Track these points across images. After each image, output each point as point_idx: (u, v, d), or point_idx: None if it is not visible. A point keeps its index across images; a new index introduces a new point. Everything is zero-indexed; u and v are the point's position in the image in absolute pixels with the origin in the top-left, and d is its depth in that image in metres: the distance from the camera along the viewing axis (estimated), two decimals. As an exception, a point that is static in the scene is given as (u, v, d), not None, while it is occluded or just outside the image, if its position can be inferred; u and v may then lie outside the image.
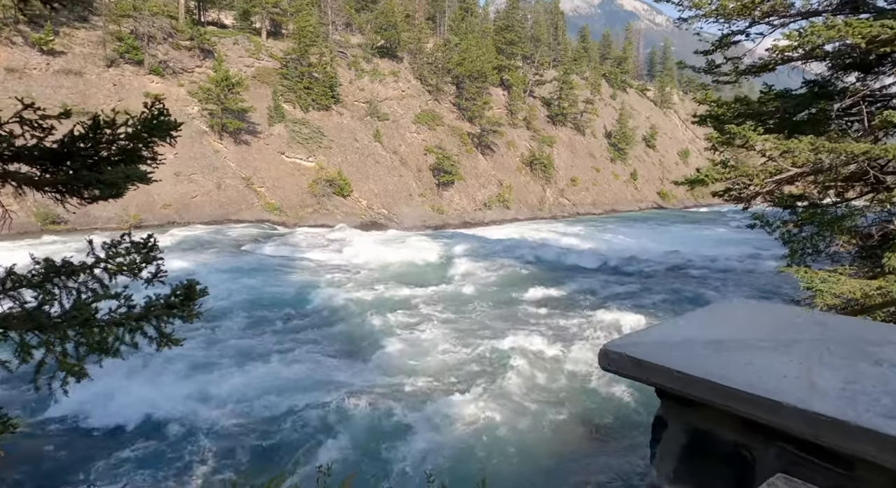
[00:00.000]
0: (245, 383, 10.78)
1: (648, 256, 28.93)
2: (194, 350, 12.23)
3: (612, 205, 65.82)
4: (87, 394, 9.51)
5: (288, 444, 9.06)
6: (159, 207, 34.56)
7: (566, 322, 15.75)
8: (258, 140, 42.20)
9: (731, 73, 11.76)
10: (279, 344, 13.16)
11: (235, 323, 14.67)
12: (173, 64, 40.76)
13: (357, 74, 53.30)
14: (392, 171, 48.61)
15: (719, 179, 10.71)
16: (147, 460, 8.54)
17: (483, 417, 10.01)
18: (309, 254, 25.71)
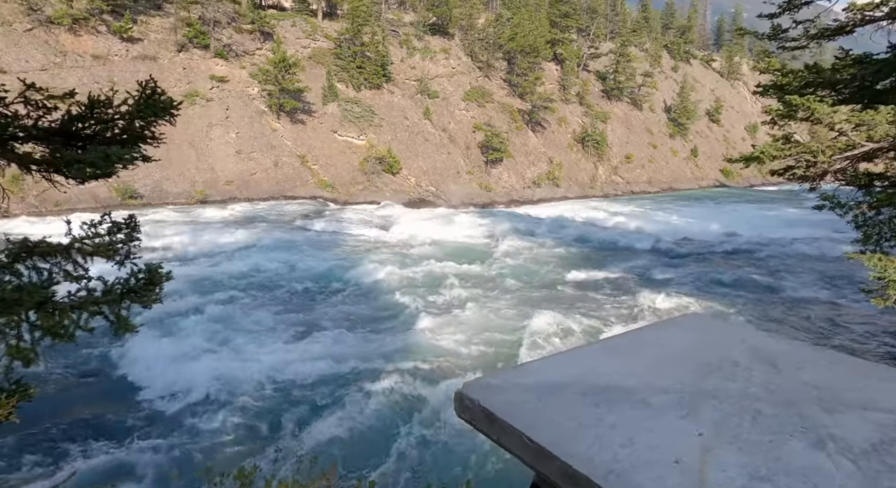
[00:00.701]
0: (266, 359, 11.32)
1: (704, 238, 28.15)
2: (223, 322, 13.34)
3: (670, 183, 63.52)
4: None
5: (291, 422, 9.39)
6: (222, 184, 37.16)
7: (603, 307, 15.84)
8: (313, 119, 44.01)
9: (800, 38, 11.07)
10: (310, 318, 14.03)
11: (273, 297, 15.73)
12: (236, 47, 42.99)
13: (408, 52, 53.87)
14: (440, 149, 49.29)
15: (778, 156, 10.30)
16: (157, 432, 9.04)
17: None
18: (356, 231, 27.12)
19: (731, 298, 17.22)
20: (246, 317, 13.58)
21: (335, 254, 20.81)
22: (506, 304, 15.35)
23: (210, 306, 14.23)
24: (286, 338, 12.56)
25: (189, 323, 12.91)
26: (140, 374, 10.82)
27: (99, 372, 11.13)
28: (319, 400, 10.17)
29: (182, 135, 37.34)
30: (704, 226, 30.72)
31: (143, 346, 11.28)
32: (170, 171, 35.57)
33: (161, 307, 12.55)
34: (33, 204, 29.40)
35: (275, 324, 13.47)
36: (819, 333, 14.91)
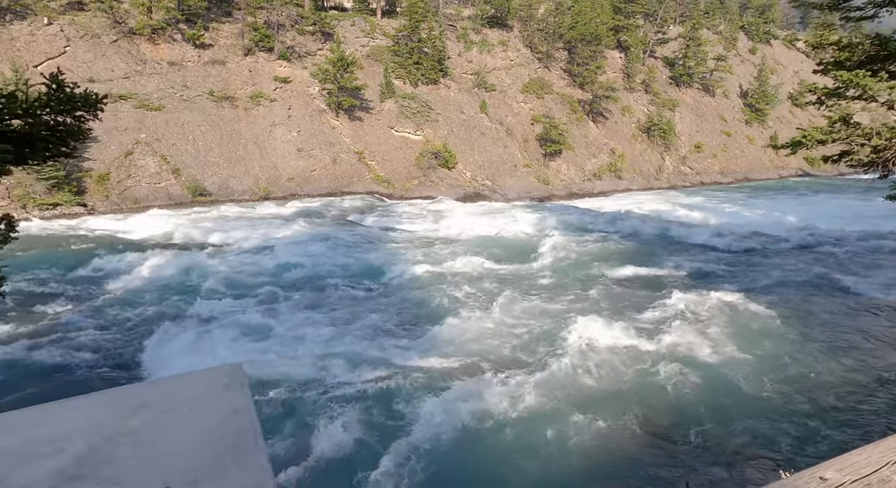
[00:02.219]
0: (293, 352, 11.57)
1: (775, 232, 26.10)
2: (255, 313, 13.77)
3: (745, 173, 59.27)
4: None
5: (318, 420, 9.47)
6: (284, 180, 38.78)
7: (647, 308, 14.94)
8: (370, 116, 44.89)
9: (865, 6, 9.91)
10: (345, 313, 14.24)
11: (304, 294, 16.03)
12: (298, 48, 44.64)
13: (465, 46, 53.62)
14: (497, 142, 48.74)
15: (826, 141, 9.36)
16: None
17: (516, 410, 9.78)
18: (406, 226, 27.37)
19: (781, 297, 15.69)
20: (270, 316, 13.99)
21: (377, 250, 21.10)
22: (537, 307, 14.80)
23: (239, 303, 14.83)
24: (299, 337, 12.74)
25: (217, 320, 13.41)
26: (156, 370, 11.21)
27: (124, 364, 11.62)
28: (298, 404, 10.14)
29: (248, 135, 39.34)
30: (778, 218, 28.40)
31: (169, 344, 11.85)
32: (236, 169, 37.58)
33: (193, 304, 13.15)
34: (115, 202, 32.04)
35: (296, 323, 13.70)
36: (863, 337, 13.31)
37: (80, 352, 11.60)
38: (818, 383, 11.09)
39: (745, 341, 12.75)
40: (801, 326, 13.74)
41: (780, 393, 10.67)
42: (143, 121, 36.11)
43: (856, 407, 10.31)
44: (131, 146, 35.03)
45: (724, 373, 11.38)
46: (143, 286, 15.83)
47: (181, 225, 25.38)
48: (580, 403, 10.19)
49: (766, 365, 11.81)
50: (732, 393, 10.64)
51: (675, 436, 9.53)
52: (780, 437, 9.42)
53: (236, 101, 39.79)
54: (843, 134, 8.63)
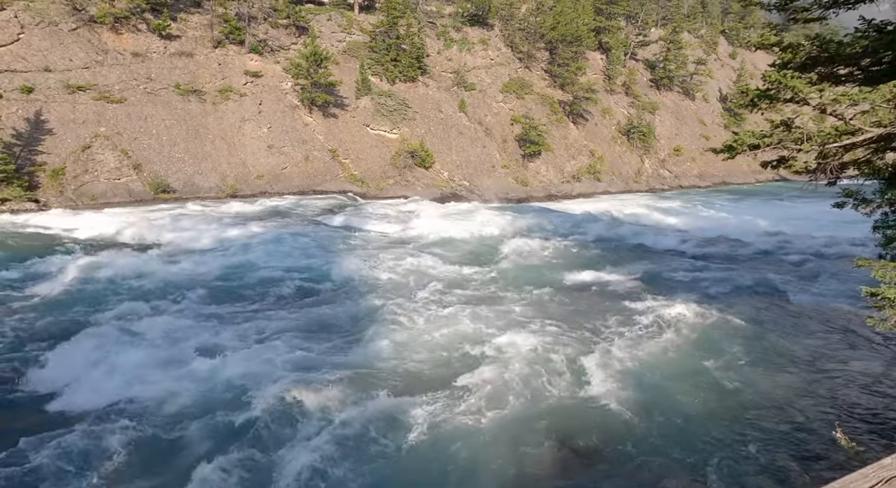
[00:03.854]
0: (209, 365, 10.69)
1: (742, 237, 25.79)
2: (181, 320, 12.70)
3: (723, 178, 59.38)
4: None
5: (216, 439, 8.61)
6: (253, 178, 37.50)
7: (594, 317, 14.19)
8: (345, 113, 43.79)
9: (811, 7, 9.43)
10: (279, 321, 13.30)
11: (252, 296, 15.07)
12: (271, 42, 43.33)
13: (445, 44, 52.77)
14: (475, 142, 47.97)
15: (759, 145, 8.89)
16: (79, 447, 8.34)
17: (431, 430, 9.03)
18: (373, 226, 26.42)
19: (731, 308, 15.14)
20: (198, 324, 12.95)
21: (335, 252, 20.15)
22: (481, 315, 13.92)
23: (168, 310, 13.77)
24: (230, 346, 11.72)
25: (134, 329, 12.28)
26: (65, 386, 10.03)
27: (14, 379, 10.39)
28: (227, 418, 9.22)
29: (216, 130, 37.97)
30: (748, 223, 28.12)
31: (71, 357, 10.75)
32: (202, 166, 36.21)
33: (115, 310, 12.06)
34: (71, 198, 30.51)
35: (231, 328, 12.70)
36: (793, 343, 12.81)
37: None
38: (753, 402, 10.53)
39: (687, 355, 12.15)
40: (747, 339, 13.20)
41: (713, 412, 10.10)
42: (104, 113, 34.56)
43: (787, 430, 9.74)
44: (90, 140, 33.48)
45: (659, 390, 10.75)
46: (70, 289, 14.67)
47: (135, 223, 24.10)
48: (500, 422, 9.49)
49: (704, 381, 11.21)
50: (664, 412, 9.99)
51: (595, 458, 8.85)
52: (709, 460, 8.77)
53: (204, 94, 38.39)
54: (774, 139, 8.06)
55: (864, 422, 10.09)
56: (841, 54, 8.48)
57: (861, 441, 9.29)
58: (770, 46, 9.02)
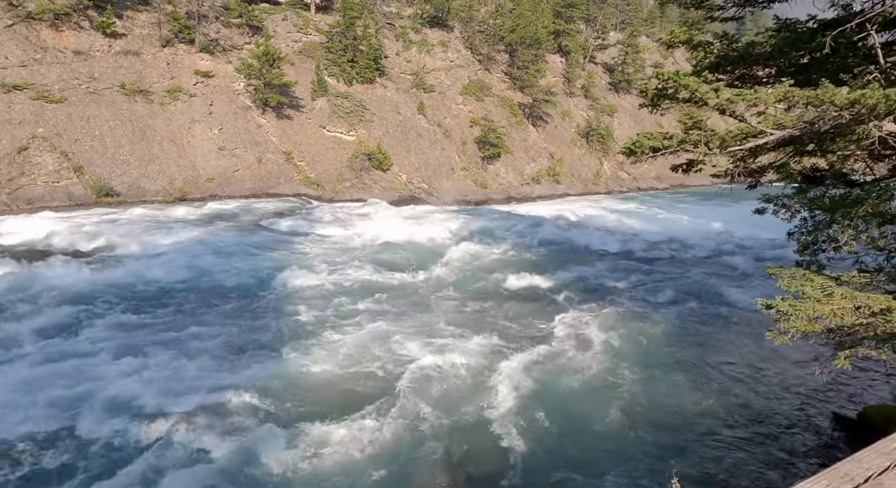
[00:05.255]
0: (118, 380, 10.23)
1: (690, 239, 26.29)
2: (87, 332, 12.10)
3: (681, 179, 60.58)
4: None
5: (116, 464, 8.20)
6: (203, 181, 36.52)
7: (527, 325, 14.18)
8: (300, 114, 43.10)
9: (726, 5, 9.48)
10: (191, 335, 12.80)
11: (171, 306, 14.49)
12: (223, 42, 42.32)
13: (404, 46, 52.51)
14: (434, 145, 47.86)
15: (659, 148, 8.83)
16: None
17: (336, 451, 8.76)
18: (322, 230, 26.00)
19: (665, 314, 15.38)
20: (103, 336, 12.42)
21: (274, 257, 19.71)
22: (412, 325, 13.76)
23: (77, 322, 13.12)
24: (138, 362, 11.25)
25: (28, 347, 11.59)
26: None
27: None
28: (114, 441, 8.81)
29: (164, 132, 36.85)
30: (700, 225, 28.72)
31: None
32: (149, 168, 35.08)
33: (13, 322, 11.35)
34: (4, 202, 29.12)
35: (135, 344, 12.14)
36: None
37: None
38: (673, 414, 10.59)
39: (607, 366, 12.20)
40: (678, 346, 13.41)
41: (629, 427, 10.10)
42: (42, 114, 33.13)
43: (708, 442, 9.84)
44: (26, 141, 32.04)
45: (571, 405, 10.73)
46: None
47: (67, 228, 23.10)
48: (409, 443, 9.26)
49: (618, 393, 11.21)
50: (572, 429, 9.95)
51: (495, 479, 8.65)
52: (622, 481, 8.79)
53: (151, 95, 37.20)
54: (674, 141, 8.04)
55: (764, 438, 10.17)
56: (751, 54, 8.47)
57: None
58: (680, 44, 8.99)
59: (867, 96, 6.07)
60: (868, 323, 7.33)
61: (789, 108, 7.82)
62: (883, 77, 7.78)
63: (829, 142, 8.16)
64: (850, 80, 8.14)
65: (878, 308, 7.02)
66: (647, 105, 8.26)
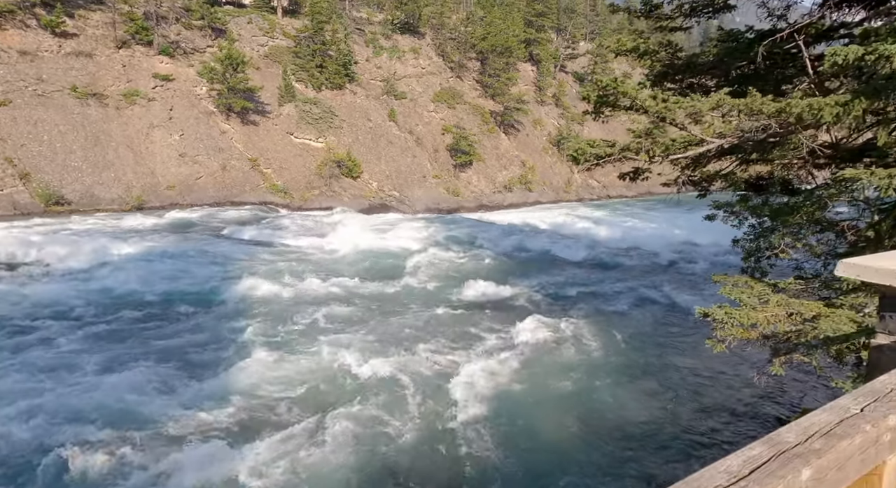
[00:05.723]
0: (47, 399, 9.32)
1: (651, 247, 26.24)
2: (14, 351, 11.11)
3: (648, 187, 61.20)
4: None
5: None
6: (163, 189, 34.88)
7: (485, 335, 13.52)
8: (267, 120, 41.84)
9: (675, 14, 9.33)
10: (139, 347, 11.88)
11: (113, 320, 13.42)
12: (184, 44, 40.81)
13: (375, 51, 51.83)
14: (406, 152, 47.17)
15: (601, 155, 8.50)
16: None
17: (304, 464, 8.12)
18: (286, 239, 24.91)
19: (622, 322, 15.05)
20: (39, 352, 11.25)
21: (231, 268, 18.59)
22: (368, 337, 12.97)
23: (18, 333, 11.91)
24: (77, 378, 10.17)
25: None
26: None
27: None
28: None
29: (120, 137, 35.09)
30: (665, 231, 28.70)
31: None
32: (104, 176, 33.27)
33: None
34: (-61, 210, 27.06)
35: (87, 356, 11.11)
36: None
37: None
38: (629, 423, 10.16)
39: (561, 376, 11.74)
40: (634, 354, 13.02)
41: (587, 436, 9.63)
42: (-16, 117, 31.10)
43: (660, 449, 9.44)
44: (-34, 146, 29.98)
45: (537, 413, 10.25)
46: None
47: (5, 238, 21.39)
48: (362, 457, 8.59)
49: (583, 402, 10.76)
50: (525, 443, 9.38)
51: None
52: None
53: (106, 98, 35.43)
54: (616, 149, 7.68)
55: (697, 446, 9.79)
56: (695, 63, 8.28)
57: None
58: (627, 52, 8.73)
59: (792, 105, 5.97)
60: (800, 329, 7.25)
61: (723, 116, 7.75)
62: (815, 87, 7.74)
63: (768, 151, 8.12)
64: (790, 89, 8.23)
65: (810, 314, 6.92)
66: (591, 112, 7.93)
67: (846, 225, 8.50)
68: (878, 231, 7.54)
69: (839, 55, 5.62)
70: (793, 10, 8.47)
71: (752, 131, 7.18)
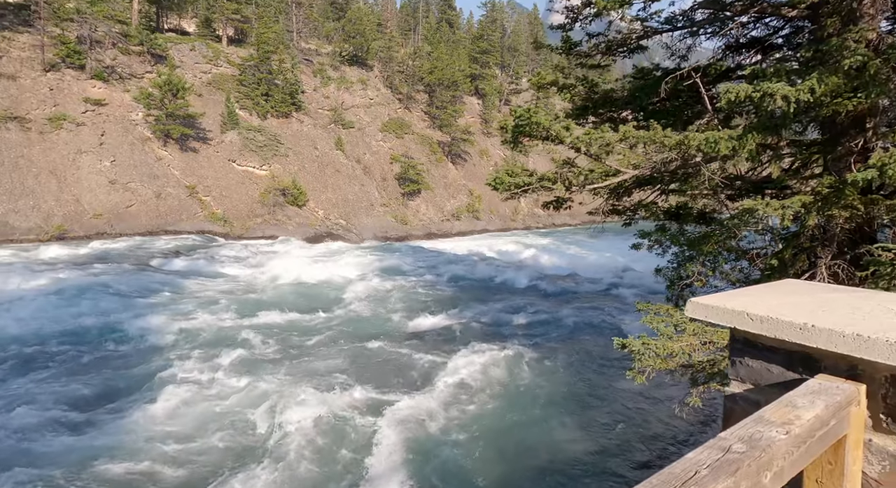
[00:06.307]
0: None
1: (591, 274, 26.86)
2: None
3: (592, 217, 63.71)
4: None
5: None
6: (89, 217, 32.88)
7: (424, 366, 13.15)
8: (208, 147, 40.63)
9: (592, 52, 9.78)
10: (33, 389, 10.76)
11: (5, 360, 12.40)
12: (121, 69, 39.38)
13: (323, 82, 51.88)
14: (353, 180, 46.91)
15: (518, 184, 8.65)
16: None
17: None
18: (220, 270, 23.86)
19: (554, 350, 15.09)
20: None
21: (156, 300, 17.51)
22: (290, 375, 12.17)
23: None
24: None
25: None
26: None
27: None
28: None
29: (42, 163, 33.04)
30: (607, 259, 29.53)
31: None
32: (20, 203, 31.05)
33: None
34: None
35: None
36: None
37: None
38: (553, 462, 9.98)
39: (505, 408, 11.50)
40: (568, 385, 12.97)
41: (513, 478, 9.37)
42: None
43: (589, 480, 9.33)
44: None
45: (463, 451, 9.89)
46: None
47: None
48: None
49: (514, 437, 10.47)
50: (459, 478, 9.08)
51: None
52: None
53: (28, 122, 33.42)
54: (534, 179, 7.88)
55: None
56: (612, 98, 8.65)
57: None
58: (547, 86, 9.04)
59: (690, 138, 6.33)
60: (714, 359, 7.44)
61: (631, 148, 8.10)
62: (721, 122, 8.29)
63: (680, 182, 8.53)
64: (702, 125, 8.74)
65: (723, 343, 7.12)
66: (508, 142, 8.09)
67: (755, 253, 8.92)
68: (782, 259, 7.93)
69: (731, 92, 5.97)
70: (696, 52, 9.08)
71: (662, 163, 7.47)
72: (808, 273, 7.08)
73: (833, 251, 7.00)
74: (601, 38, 8.86)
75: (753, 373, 1.64)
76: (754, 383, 1.64)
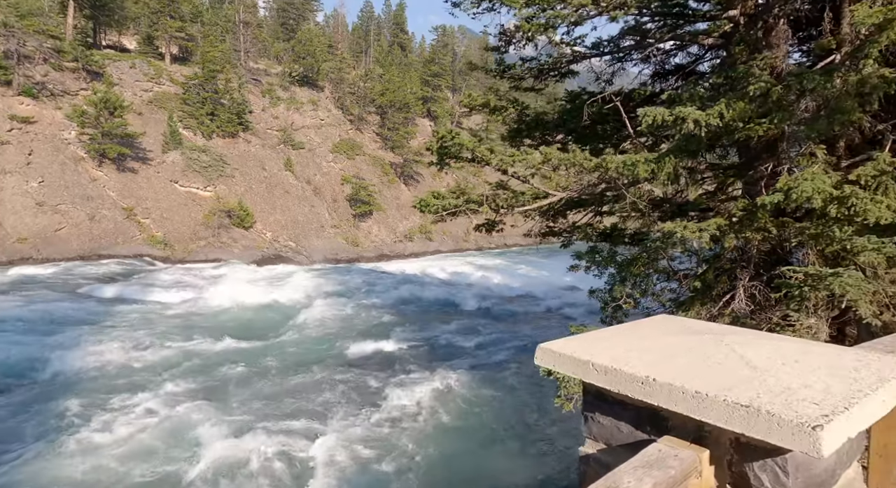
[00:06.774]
0: None
1: (543, 293, 27.18)
2: None
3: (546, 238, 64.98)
4: None
5: None
6: (12, 242, 30.63)
7: (366, 394, 12.80)
8: (148, 168, 38.95)
9: (525, 75, 9.97)
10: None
11: None
12: (53, 86, 37.41)
13: (272, 102, 51.08)
14: (303, 202, 46.03)
15: (446, 207, 8.57)
16: None
17: None
18: (156, 296, 22.60)
19: (497, 374, 15.06)
20: None
21: (80, 331, 16.29)
22: (223, 409, 11.49)
23: None
24: None
25: None
26: None
27: None
28: None
29: (-40, 184, 30.69)
30: (555, 279, 29.90)
31: None
32: (-67, 227, 28.62)
33: None
34: None
35: None
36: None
37: None
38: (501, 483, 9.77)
39: (446, 436, 11.24)
40: (511, 409, 12.81)
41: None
42: None
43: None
44: None
45: (402, 481, 9.51)
46: None
47: None
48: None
49: (454, 466, 10.18)
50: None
51: None
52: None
53: (-55, 140, 31.10)
54: (461, 201, 7.88)
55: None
56: (543, 121, 8.80)
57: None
58: (479, 107, 9.13)
59: (608, 161, 6.46)
60: None
61: (554, 170, 8.20)
62: (644, 146, 8.54)
63: (608, 203, 8.71)
64: (628, 148, 9.01)
65: None
66: (435, 163, 8.07)
67: (682, 275, 9.14)
68: (705, 280, 8.14)
69: (649, 116, 6.12)
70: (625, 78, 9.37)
71: (589, 185, 7.56)
72: (727, 294, 7.28)
73: (751, 273, 7.24)
74: (533, 62, 9.06)
75: (605, 432, 1.47)
76: (606, 443, 1.47)
